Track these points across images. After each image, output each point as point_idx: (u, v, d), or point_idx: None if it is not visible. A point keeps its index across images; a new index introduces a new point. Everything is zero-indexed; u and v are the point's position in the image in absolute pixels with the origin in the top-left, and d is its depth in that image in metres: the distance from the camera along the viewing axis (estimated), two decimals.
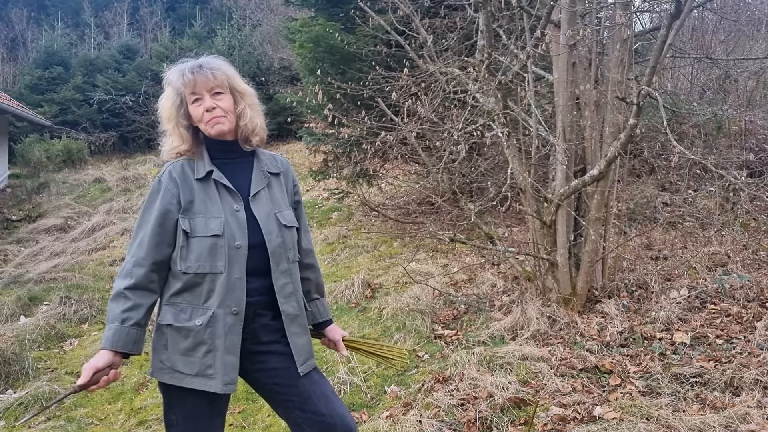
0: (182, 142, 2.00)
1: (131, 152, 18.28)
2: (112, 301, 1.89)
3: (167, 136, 2.03)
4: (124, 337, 1.84)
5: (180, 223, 1.92)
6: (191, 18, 22.79)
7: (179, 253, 1.91)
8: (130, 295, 1.87)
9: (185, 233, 1.91)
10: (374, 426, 3.26)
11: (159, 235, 1.91)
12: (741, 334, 3.86)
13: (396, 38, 5.76)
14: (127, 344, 1.85)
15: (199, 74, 1.96)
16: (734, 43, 8.57)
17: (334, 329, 2.27)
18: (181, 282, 1.92)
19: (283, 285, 2.00)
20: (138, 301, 1.87)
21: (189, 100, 1.97)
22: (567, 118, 4.44)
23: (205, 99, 1.96)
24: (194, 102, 1.97)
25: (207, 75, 1.96)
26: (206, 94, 1.96)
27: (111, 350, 1.83)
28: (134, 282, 1.88)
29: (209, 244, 1.90)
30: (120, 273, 1.93)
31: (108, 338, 1.84)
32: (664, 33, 3.56)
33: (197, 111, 1.97)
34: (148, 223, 1.93)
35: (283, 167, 2.15)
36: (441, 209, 6.13)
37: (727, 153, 7.13)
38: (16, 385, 4.59)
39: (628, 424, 2.97)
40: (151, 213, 1.93)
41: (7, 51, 23.91)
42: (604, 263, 4.76)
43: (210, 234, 1.90)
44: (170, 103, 2.00)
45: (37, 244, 9.72)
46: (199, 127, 2.00)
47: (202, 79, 1.95)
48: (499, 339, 4.23)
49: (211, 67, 1.98)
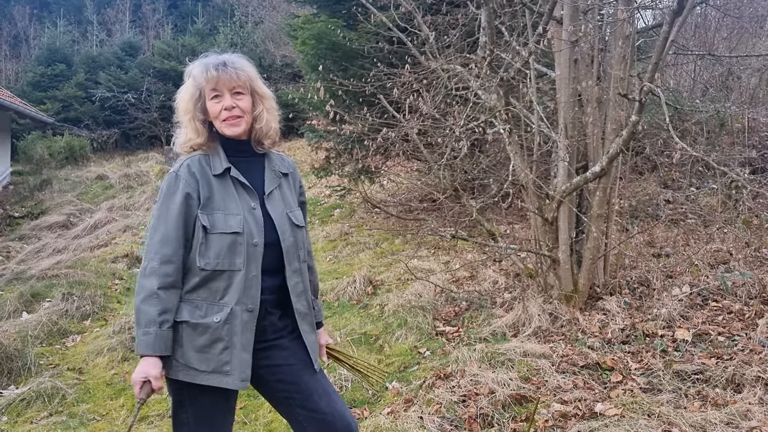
0: (197, 136, 1.98)
1: (133, 149, 18.30)
2: (145, 303, 1.85)
3: (183, 127, 2.01)
4: (165, 340, 1.84)
5: (199, 219, 1.90)
6: (193, 15, 22.79)
7: (198, 249, 1.90)
8: (164, 295, 1.85)
9: (204, 229, 1.90)
10: (375, 422, 3.26)
11: (182, 229, 1.90)
12: (743, 331, 3.86)
13: (398, 35, 5.75)
14: (168, 347, 1.85)
15: (223, 72, 1.94)
16: (737, 40, 8.54)
17: (322, 334, 2.28)
18: (199, 278, 1.90)
19: (296, 284, 2.02)
20: (172, 300, 1.86)
21: (208, 95, 1.96)
22: (569, 114, 4.44)
23: (225, 97, 1.95)
24: (213, 98, 1.96)
25: (231, 74, 1.95)
26: (227, 93, 1.95)
27: (155, 356, 1.83)
28: (166, 281, 1.85)
29: (229, 241, 1.89)
30: (144, 271, 1.88)
31: (149, 344, 1.82)
32: (667, 29, 3.55)
33: (215, 107, 1.96)
34: (171, 218, 1.89)
35: (291, 168, 2.17)
36: (443, 206, 6.13)
37: (730, 150, 7.12)
38: (18, 381, 4.60)
39: (630, 420, 2.97)
40: (172, 208, 1.90)
41: (9, 48, 23.95)
42: (606, 260, 4.76)
43: (230, 231, 1.90)
44: (188, 95, 1.98)
45: (40, 241, 9.74)
46: (214, 124, 1.99)
47: (225, 77, 1.94)
48: (501, 336, 4.23)
49: (235, 66, 1.97)
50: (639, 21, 5.28)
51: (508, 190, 4.39)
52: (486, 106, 4.72)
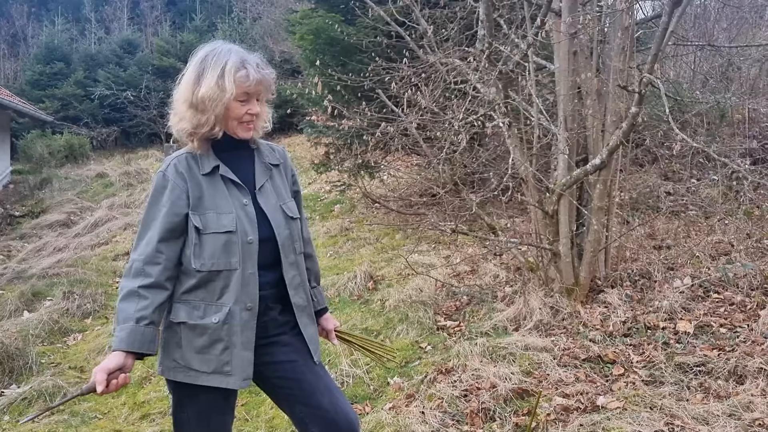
0: (209, 128, 1.89)
1: (133, 147, 18.29)
2: (124, 301, 1.82)
3: (192, 113, 1.88)
4: (140, 337, 1.79)
5: (191, 220, 1.87)
6: (192, 12, 22.71)
7: (192, 250, 1.86)
8: (145, 293, 1.81)
9: (197, 230, 1.86)
10: (377, 418, 3.26)
11: (169, 232, 1.86)
12: (745, 323, 3.85)
13: (396, 29, 5.74)
14: (143, 344, 1.79)
15: (262, 78, 1.88)
16: (737, 30, 8.51)
17: (329, 318, 2.28)
18: (195, 279, 1.88)
19: (293, 277, 2.00)
20: (153, 299, 1.81)
21: (237, 96, 1.86)
22: (568, 107, 4.42)
23: (252, 102, 1.90)
24: (243, 101, 1.88)
25: (267, 82, 1.91)
26: (254, 97, 1.90)
27: (124, 351, 1.78)
28: (150, 281, 1.82)
29: (223, 241, 1.86)
30: (128, 272, 1.85)
31: (122, 339, 1.78)
32: (666, 20, 3.53)
33: (240, 110, 1.88)
34: (157, 220, 1.86)
35: (282, 158, 2.12)
36: (443, 200, 6.12)
37: (731, 141, 7.09)
38: (20, 380, 4.60)
39: (632, 413, 2.97)
40: (159, 209, 1.87)
41: (8, 47, 23.92)
42: (607, 253, 4.75)
43: (223, 230, 1.86)
44: (217, 86, 1.84)
45: (40, 240, 9.73)
46: (225, 122, 1.90)
47: (265, 84, 1.90)
48: (502, 330, 4.22)
49: (268, 72, 1.92)
50: (638, 12, 5.25)
51: (508, 184, 4.38)
52: (485, 99, 4.71)
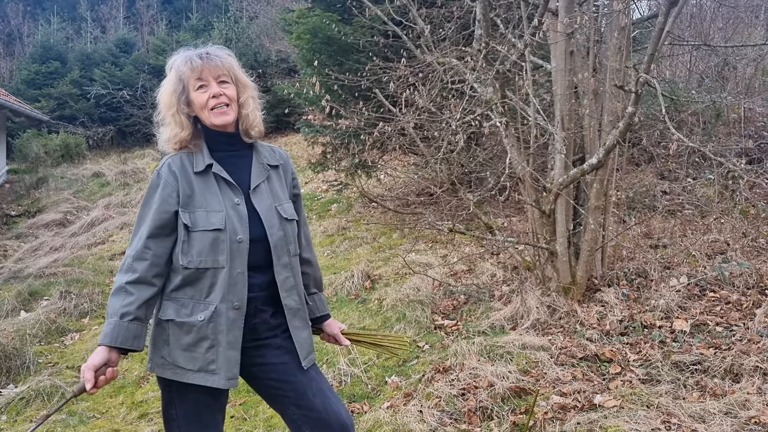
0: (182, 129, 1.95)
1: (129, 146, 18.23)
2: (113, 296, 1.86)
3: (166, 125, 1.98)
4: (123, 332, 1.80)
5: (180, 217, 1.89)
6: (188, 11, 22.64)
7: (180, 247, 1.88)
8: (131, 289, 1.83)
9: (186, 227, 1.88)
10: (375, 416, 3.27)
11: (159, 229, 1.88)
12: (741, 321, 3.87)
13: (393, 28, 5.73)
14: (127, 339, 1.81)
15: (207, 60, 1.94)
16: (733, 30, 8.54)
17: (333, 323, 2.26)
18: (182, 276, 1.89)
19: (285, 279, 1.99)
20: (139, 295, 1.84)
21: (193, 86, 1.94)
22: (565, 106, 4.43)
23: (212, 85, 1.94)
24: (198, 89, 1.94)
25: (215, 61, 1.95)
26: (212, 81, 1.94)
27: (108, 346, 1.80)
28: (135, 276, 1.84)
29: (211, 239, 1.87)
30: (121, 268, 1.89)
31: (106, 334, 1.81)
32: (662, 20, 3.54)
33: (201, 97, 1.94)
34: (148, 217, 1.90)
35: (282, 159, 2.12)
36: (440, 200, 6.13)
37: (726, 140, 7.12)
38: (17, 380, 4.60)
39: (629, 411, 2.98)
40: (151, 207, 1.91)
41: (3, 46, 23.81)
42: (604, 252, 4.76)
43: (211, 228, 1.88)
44: (171, 89, 1.96)
45: (37, 239, 9.71)
46: (200, 116, 1.97)
47: (210, 65, 1.94)
48: (499, 329, 4.23)
49: (218, 55, 1.97)
50: (634, 12, 5.27)
51: (505, 183, 4.38)
52: (482, 99, 4.71)
